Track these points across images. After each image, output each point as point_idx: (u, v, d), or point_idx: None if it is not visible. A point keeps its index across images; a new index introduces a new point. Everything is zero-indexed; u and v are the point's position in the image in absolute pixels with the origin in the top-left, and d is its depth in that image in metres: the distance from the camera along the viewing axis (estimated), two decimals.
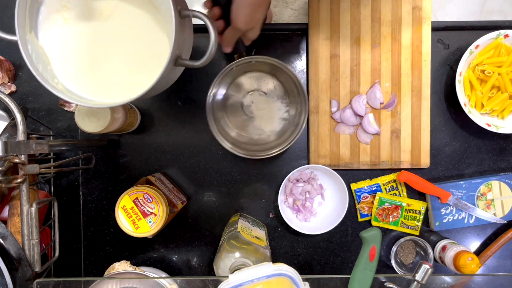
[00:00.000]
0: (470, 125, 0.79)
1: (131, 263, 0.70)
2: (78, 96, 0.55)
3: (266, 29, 0.83)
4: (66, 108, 0.82)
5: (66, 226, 0.83)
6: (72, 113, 0.81)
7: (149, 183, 0.74)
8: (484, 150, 0.83)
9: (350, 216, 0.84)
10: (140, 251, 0.84)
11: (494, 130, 0.78)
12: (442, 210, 0.82)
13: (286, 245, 0.84)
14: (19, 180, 0.59)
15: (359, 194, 0.83)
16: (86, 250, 0.84)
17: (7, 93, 0.81)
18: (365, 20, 0.79)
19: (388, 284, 0.58)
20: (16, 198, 0.64)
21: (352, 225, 0.84)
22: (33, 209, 0.60)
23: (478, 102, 0.79)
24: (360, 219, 0.84)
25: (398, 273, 0.79)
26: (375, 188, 0.83)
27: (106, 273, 0.69)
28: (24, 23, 0.51)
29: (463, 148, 0.83)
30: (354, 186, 0.83)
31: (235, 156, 0.83)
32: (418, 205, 0.81)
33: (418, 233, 0.82)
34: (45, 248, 0.70)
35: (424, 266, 0.55)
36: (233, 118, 0.76)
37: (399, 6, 0.78)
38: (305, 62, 0.83)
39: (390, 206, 0.81)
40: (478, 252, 0.83)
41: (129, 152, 0.83)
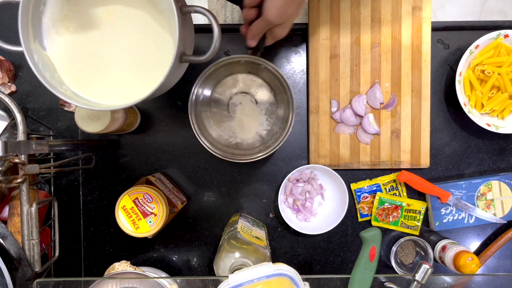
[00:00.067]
0: (470, 125, 0.79)
1: (131, 263, 0.70)
2: (87, 101, 0.55)
3: None
4: (66, 108, 0.82)
5: (66, 226, 0.83)
6: (72, 113, 0.81)
7: (149, 183, 0.74)
8: (484, 150, 0.83)
9: (350, 216, 0.84)
10: (140, 251, 0.84)
11: (494, 130, 0.78)
12: (442, 210, 0.82)
13: (286, 245, 0.84)
14: (19, 180, 0.59)
15: (359, 194, 0.83)
16: (86, 250, 0.84)
17: (7, 93, 0.81)
18: (365, 20, 0.79)
19: (388, 284, 0.58)
20: (16, 198, 0.64)
21: (352, 225, 0.84)
22: (33, 209, 0.60)
23: (478, 102, 0.79)
24: (360, 219, 0.84)
25: (398, 273, 0.79)
26: (375, 188, 0.83)
27: (106, 273, 0.69)
28: (28, 33, 0.52)
29: (463, 148, 0.83)
30: (354, 186, 0.83)
31: None
32: (418, 205, 0.81)
33: (418, 233, 0.82)
34: (45, 248, 0.70)
35: (424, 266, 0.55)
36: (216, 116, 0.76)
37: (399, 6, 0.78)
38: (305, 62, 0.83)
39: (390, 206, 0.81)
40: (478, 252, 0.83)
41: (129, 152, 0.83)
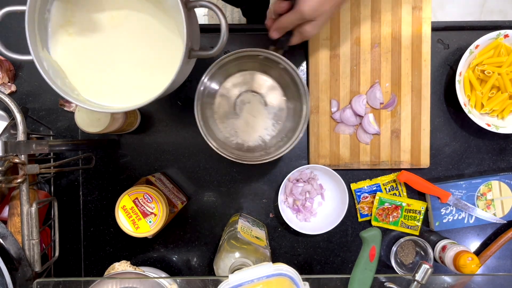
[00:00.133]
0: (470, 125, 0.79)
1: (131, 263, 0.70)
2: (99, 104, 0.56)
3: (265, 29, 0.83)
4: (66, 108, 0.82)
5: (66, 226, 0.83)
6: (72, 113, 0.81)
7: (149, 183, 0.74)
8: (484, 150, 0.83)
9: (350, 216, 0.84)
10: (140, 251, 0.84)
11: (494, 130, 0.78)
12: (442, 210, 0.82)
13: (286, 245, 0.84)
14: (19, 180, 0.59)
15: (359, 194, 0.83)
16: (86, 250, 0.84)
17: (7, 93, 0.81)
18: (365, 20, 0.79)
19: (388, 284, 0.58)
20: (16, 198, 0.64)
21: (352, 225, 0.84)
22: (33, 209, 0.60)
23: (478, 102, 0.79)
24: (360, 219, 0.84)
25: (398, 273, 0.79)
26: (375, 188, 0.83)
27: (106, 273, 0.69)
28: (36, 41, 0.52)
29: (463, 148, 0.83)
30: (354, 186, 0.83)
31: None
32: (418, 205, 0.81)
33: (418, 233, 0.82)
34: (45, 248, 0.70)
35: (424, 266, 0.55)
36: (221, 111, 0.74)
37: (399, 6, 0.78)
38: (305, 62, 0.83)
39: (390, 206, 0.81)
40: (478, 252, 0.83)
41: (129, 152, 0.83)
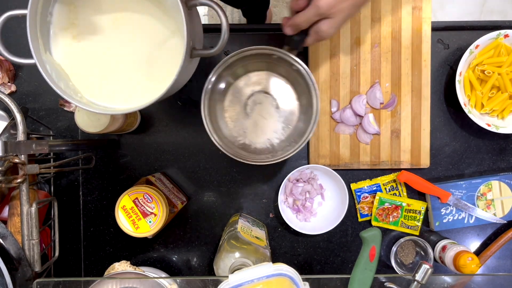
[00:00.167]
0: (470, 125, 0.79)
1: (131, 263, 0.70)
2: (103, 106, 0.56)
3: (265, 29, 0.83)
4: (66, 108, 0.82)
5: (66, 226, 0.83)
6: (72, 113, 0.81)
7: (149, 183, 0.74)
8: (484, 150, 0.83)
9: (350, 216, 0.84)
10: (140, 251, 0.84)
11: (494, 130, 0.78)
12: (442, 210, 0.82)
13: (286, 245, 0.84)
14: (19, 180, 0.59)
15: (359, 194, 0.83)
16: (86, 250, 0.84)
17: (7, 93, 0.81)
18: (365, 20, 0.79)
19: (388, 284, 0.58)
20: (16, 198, 0.64)
21: (352, 225, 0.84)
22: (33, 209, 0.60)
23: (478, 102, 0.79)
24: (360, 219, 0.84)
25: (398, 273, 0.79)
26: (375, 188, 0.83)
27: (106, 273, 0.69)
28: (38, 44, 0.52)
29: (463, 148, 0.83)
30: (354, 186, 0.83)
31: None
32: (418, 205, 0.81)
33: (418, 233, 0.82)
34: (45, 248, 0.70)
35: (424, 266, 0.55)
36: (230, 109, 0.73)
37: (399, 6, 0.78)
38: (305, 62, 0.83)
39: (390, 206, 0.81)
40: (478, 252, 0.83)
41: (129, 152, 0.83)
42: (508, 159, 0.84)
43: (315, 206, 0.83)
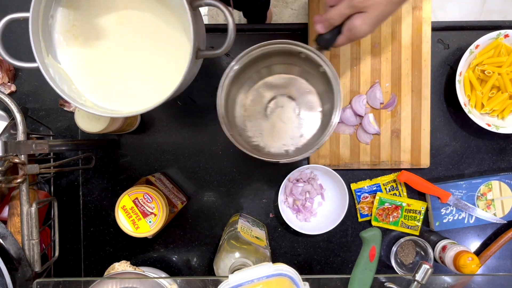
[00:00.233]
0: (470, 125, 0.79)
1: (131, 263, 0.70)
2: (108, 109, 0.55)
3: (266, 29, 0.83)
4: (66, 108, 0.82)
5: (66, 226, 0.83)
6: (72, 113, 0.80)
7: (149, 183, 0.74)
8: (484, 150, 0.83)
9: (350, 216, 0.84)
10: (140, 251, 0.84)
11: (494, 130, 0.78)
12: (442, 210, 0.81)
13: (286, 245, 0.84)
14: (19, 180, 0.59)
15: (359, 194, 0.83)
16: (86, 250, 0.84)
17: (7, 93, 0.81)
18: None
19: (388, 284, 0.58)
20: (16, 198, 0.64)
21: (352, 225, 0.84)
22: (33, 209, 0.60)
23: (478, 102, 0.79)
24: (360, 219, 0.84)
25: (398, 273, 0.79)
26: (375, 188, 0.83)
27: (106, 273, 0.69)
28: (41, 48, 0.51)
29: (463, 148, 0.83)
30: (354, 186, 0.83)
31: (235, 156, 0.83)
32: (418, 205, 0.81)
33: (418, 233, 0.82)
34: (45, 248, 0.70)
35: (424, 266, 0.55)
36: (250, 109, 0.70)
37: None
38: None
39: (390, 206, 0.81)
40: (478, 252, 0.83)
41: (129, 152, 0.83)
42: (508, 159, 0.84)
43: (315, 206, 0.83)
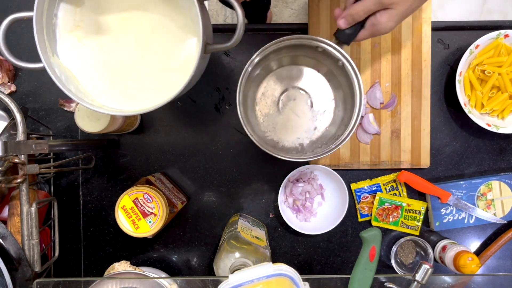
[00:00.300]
0: (470, 125, 0.79)
1: (131, 263, 0.70)
2: (115, 109, 0.55)
3: (266, 29, 0.83)
4: (66, 108, 0.82)
5: (66, 226, 0.83)
6: (72, 113, 0.80)
7: (149, 183, 0.74)
8: (484, 150, 0.83)
9: (350, 216, 0.84)
10: (140, 251, 0.84)
11: (494, 130, 0.78)
12: (442, 210, 0.81)
13: (286, 245, 0.84)
14: (19, 180, 0.59)
15: (359, 194, 0.83)
16: (86, 250, 0.84)
17: (7, 93, 0.81)
18: None
19: (388, 284, 0.58)
20: (16, 198, 0.64)
21: (352, 225, 0.84)
22: (33, 209, 0.60)
23: (478, 102, 0.79)
24: (360, 219, 0.84)
25: (398, 273, 0.79)
26: (375, 188, 0.83)
27: (106, 273, 0.69)
28: (46, 48, 0.51)
29: (463, 148, 0.83)
30: (354, 186, 0.83)
31: (235, 156, 0.83)
32: (418, 205, 0.81)
33: (418, 233, 0.82)
34: (45, 248, 0.70)
35: (424, 266, 0.55)
36: (262, 102, 0.68)
37: None
38: None
39: (390, 206, 0.81)
40: (478, 252, 0.83)
41: (129, 152, 0.83)
42: (508, 159, 0.84)
43: (315, 206, 0.83)
